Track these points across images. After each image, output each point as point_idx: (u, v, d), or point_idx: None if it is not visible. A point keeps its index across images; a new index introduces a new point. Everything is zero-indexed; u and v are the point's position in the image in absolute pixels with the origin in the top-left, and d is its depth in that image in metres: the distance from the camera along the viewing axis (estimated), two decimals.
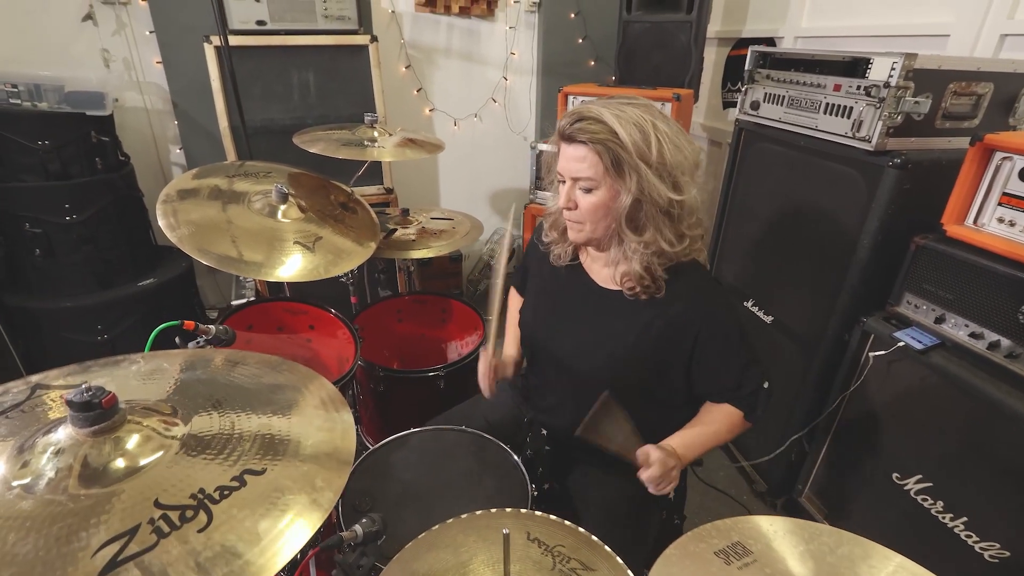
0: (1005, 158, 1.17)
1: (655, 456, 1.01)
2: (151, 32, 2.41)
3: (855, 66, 1.43)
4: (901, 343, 1.34)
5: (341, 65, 2.43)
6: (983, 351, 1.21)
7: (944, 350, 1.30)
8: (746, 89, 1.81)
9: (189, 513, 0.50)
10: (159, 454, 0.56)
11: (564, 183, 1.06)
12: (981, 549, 1.21)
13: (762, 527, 0.64)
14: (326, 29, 2.35)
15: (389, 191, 2.66)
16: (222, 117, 2.33)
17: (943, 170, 1.33)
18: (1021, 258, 1.13)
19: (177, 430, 0.59)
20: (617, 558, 0.69)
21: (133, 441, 0.56)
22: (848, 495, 1.61)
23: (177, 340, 1.09)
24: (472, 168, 3.24)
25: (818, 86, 1.52)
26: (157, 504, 0.51)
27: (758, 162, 1.87)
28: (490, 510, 0.78)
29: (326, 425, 0.64)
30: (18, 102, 1.98)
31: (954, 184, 1.26)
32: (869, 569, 0.57)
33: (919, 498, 1.35)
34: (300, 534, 0.51)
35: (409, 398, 1.72)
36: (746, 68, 1.78)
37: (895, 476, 1.41)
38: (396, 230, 1.93)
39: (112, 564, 0.45)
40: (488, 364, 1.22)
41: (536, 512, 0.81)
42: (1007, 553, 1.17)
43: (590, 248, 1.18)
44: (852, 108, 1.41)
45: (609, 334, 1.13)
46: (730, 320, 1.10)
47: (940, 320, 1.31)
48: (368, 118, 1.87)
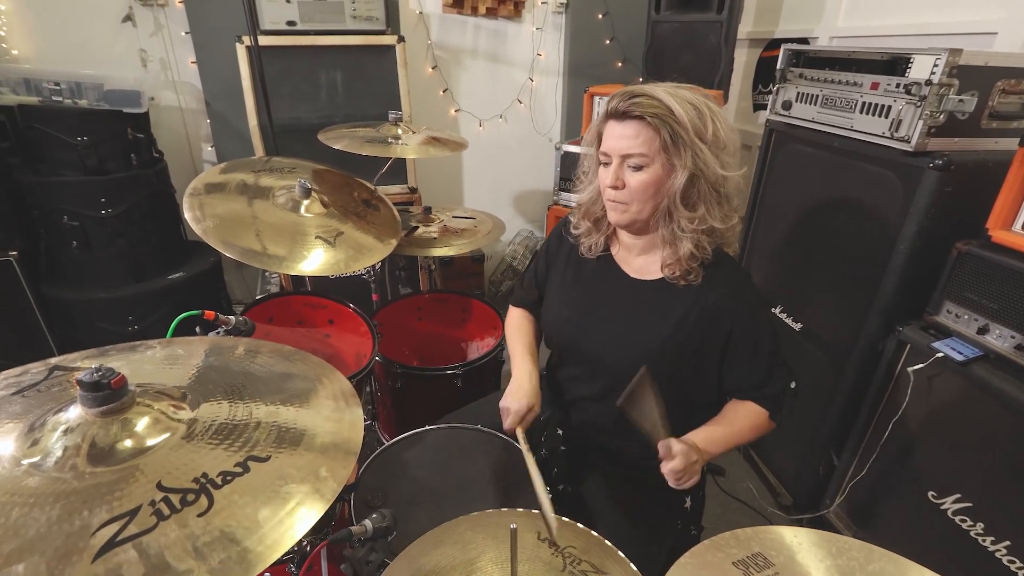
0: None
1: (677, 448, 0.97)
2: (187, 33, 2.48)
3: (894, 64, 1.37)
4: (940, 354, 1.28)
5: (368, 65, 2.46)
6: None
7: (987, 362, 1.23)
8: (778, 88, 1.75)
9: (191, 497, 0.50)
10: (166, 436, 0.56)
11: (607, 164, 1.05)
12: None
13: (785, 538, 0.60)
14: (354, 29, 2.38)
15: (413, 190, 2.67)
16: (251, 116, 2.37)
17: (989, 172, 1.27)
18: None
19: (184, 414, 0.59)
20: (629, 563, 0.66)
21: (141, 423, 0.56)
22: (879, 512, 1.53)
23: (198, 329, 1.11)
24: (496, 169, 3.24)
25: (854, 84, 1.46)
26: (160, 486, 0.50)
27: (789, 164, 1.81)
28: (500, 509, 0.76)
29: (335, 416, 0.64)
30: (60, 99, 2.05)
31: (1000, 187, 1.19)
32: None
33: (957, 519, 1.28)
34: (301, 524, 0.50)
35: (427, 396, 1.71)
36: (778, 67, 1.73)
37: (931, 494, 1.33)
38: (418, 227, 1.93)
39: (110, 544, 0.45)
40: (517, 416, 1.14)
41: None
42: None
43: (623, 237, 1.16)
44: (891, 107, 1.35)
45: (643, 327, 1.10)
46: (763, 315, 1.09)
47: (983, 331, 1.24)
48: (392, 115, 1.88)
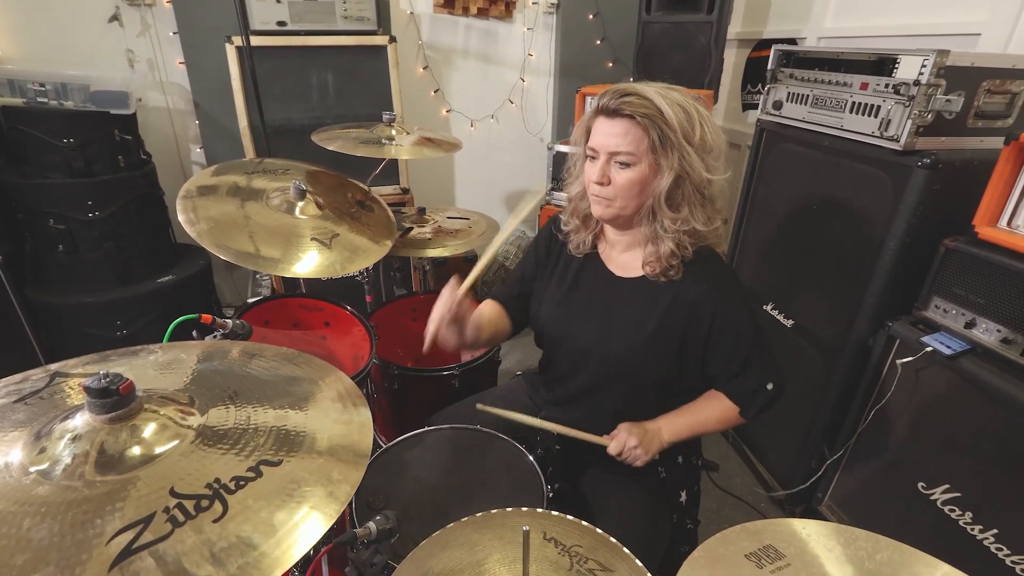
0: None
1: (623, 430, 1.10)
2: (174, 33, 2.45)
3: (881, 65, 1.40)
4: (929, 348, 1.30)
5: (360, 66, 2.45)
6: (1016, 357, 1.16)
7: (974, 356, 1.25)
8: (768, 88, 1.78)
9: (204, 503, 0.49)
10: (175, 443, 0.56)
11: (594, 159, 1.06)
12: (1012, 563, 1.17)
13: (795, 530, 0.62)
14: (345, 30, 2.37)
15: (405, 191, 2.67)
16: (242, 117, 2.35)
17: (975, 170, 1.30)
18: None
19: (193, 420, 0.58)
20: (636, 560, 0.67)
21: (150, 429, 0.55)
22: (870, 504, 1.56)
23: (195, 333, 1.10)
24: (488, 169, 3.24)
25: (844, 84, 1.49)
26: (173, 493, 0.50)
27: (780, 163, 1.83)
28: (505, 509, 0.77)
29: (343, 419, 0.64)
30: (45, 100, 2.02)
31: (987, 185, 1.22)
32: None
33: (946, 508, 1.31)
34: (317, 526, 0.50)
35: (424, 397, 1.71)
36: (769, 67, 1.75)
37: (921, 486, 1.36)
38: (412, 228, 1.93)
39: (126, 552, 0.44)
40: (451, 299, 1.08)
41: (552, 512, 0.79)
42: None
43: (608, 234, 1.17)
44: (880, 107, 1.38)
45: (627, 323, 1.12)
46: (744, 307, 1.10)
47: (970, 325, 1.26)
48: (386, 116, 1.87)
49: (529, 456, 1.16)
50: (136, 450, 0.53)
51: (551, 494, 1.10)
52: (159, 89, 2.57)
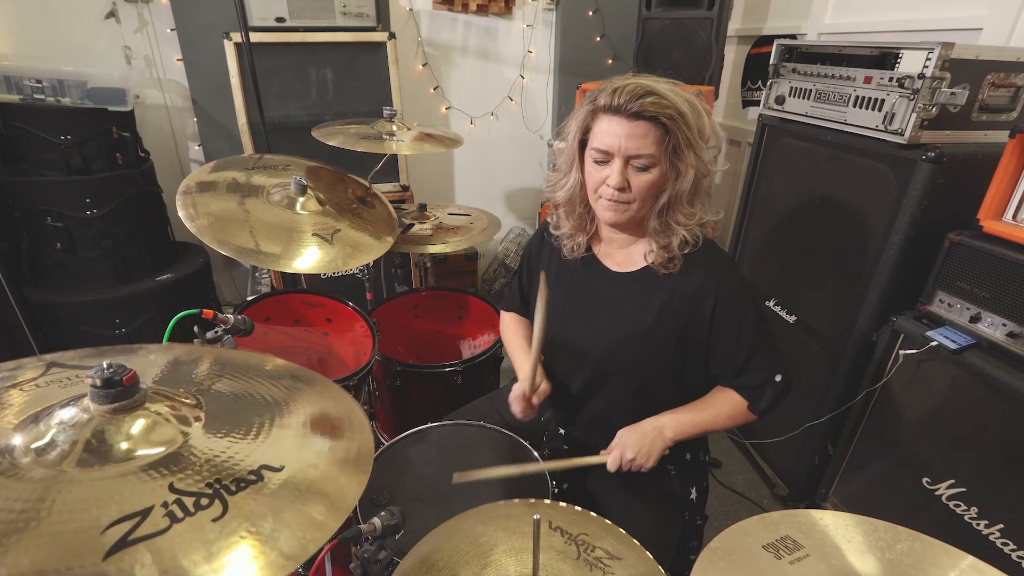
0: None
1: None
2: (172, 30, 2.43)
3: (884, 59, 1.39)
4: (934, 343, 1.30)
5: (359, 62, 2.44)
6: (1022, 351, 1.16)
7: (979, 350, 1.25)
8: (771, 83, 1.77)
9: (204, 501, 0.48)
10: (177, 439, 0.55)
11: (602, 162, 1.01)
12: (1019, 558, 1.16)
13: (813, 520, 0.61)
14: (344, 26, 2.35)
15: (405, 188, 2.65)
16: (240, 114, 2.34)
17: (979, 164, 1.29)
18: None
19: (196, 417, 0.57)
20: (641, 546, 0.66)
21: (152, 423, 0.54)
22: (875, 500, 1.56)
23: (196, 329, 1.09)
24: (488, 167, 3.23)
25: (847, 79, 1.48)
26: (172, 488, 0.49)
27: (782, 158, 1.83)
28: (511, 500, 0.76)
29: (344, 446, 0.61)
30: (42, 97, 2.00)
31: (991, 178, 1.21)
32: (936, 568, 0.54)
33: (951, 504, 1.30)
34: (322, 531, 0.49)
35: (425, 394, 1.70)
36: (771, 62, 1.74)
37: (925, 481, 1.36)
38: (413, 225, 1.91)
39: (122, 543, 0.43)
40: (526, 394, 1.13)
41: (561, 504, 0.78)
42: None
43: (605, 233, 1.16)
44: (884, 101, 1.37)
45: (627, 317, 1.11)
46: (746, 298, 1.07)
47: (975, 319, 1.26)
48: (387, 112, 1.86)
49: (534, 452, 1.15)
50: (137, 443, 0.52)
51: (557, 491, 1.09)
52: (157, 86, 2.55)
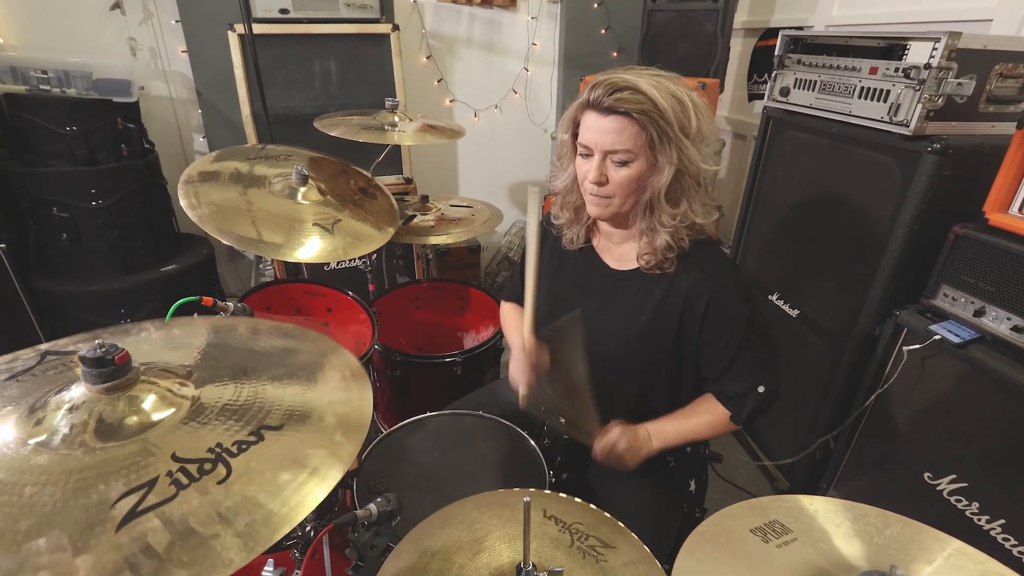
0: None
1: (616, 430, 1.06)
2: (177, 21, 2.44)
3: (891, 50, 1.38)
4: (937, 336, 1.29)
5: (362, 54, 2.44)
6: None
7: (983, 344, 1.24)
8: (776, 75, 1.75)
9: (207, 466, 0.50)
10: (172, 412, 0.56)
11: (587, 156, 1.02)
12: (1020, 553, 1.15)
13: (802, 505, 0.61)
14: (348, 18, 2.35)
15: (408, 180, 2.66)
16: (244, 105, 2.35)
17: (986, 156, 1.27)
18: None
19: (189, 391, 0.58)
20: (634, 536, 0.66)
21: (148, 400, 0.55)
22: (876, 494, 1.55)
23: (196, 316, 1.09)
24: (491, 160, 3.23)
25: (853, 69, 1.46)
26: (175, 458, 0.50)
27: (786, 151, 1.81)
28: (511, 489, 0.76)
29: (344, 397, 0.63)
30: (48, 88, 2.02)
31: (998, 171, 1.20)
32: (924, 552, 0.53)
33: (952, 499, 1.29)
34: (322, 485, 0.50)
35: (425, 384, 1.71)
36: (776, 53, 1.72)
37: (927, 476, 1.35)
38: (415, 216, 1.92)
39: (132, 514, 0.45)
40: (526, 355, 1.11)
41: (560, 494, 0.78)
42: None
43: (603, 227, 1.15)
44: (889, 91, 1.35)
45: (623, 316, 1.10)
46: (739, 303, 1.05)
47: (979, 313, 1.25)
48: (389, 102, 1.86)
49: (531, 441, 1.16)
50: (135, 419, 0.53)
51: (554, 480, 1.09)
52: (161, 78, 2.56)
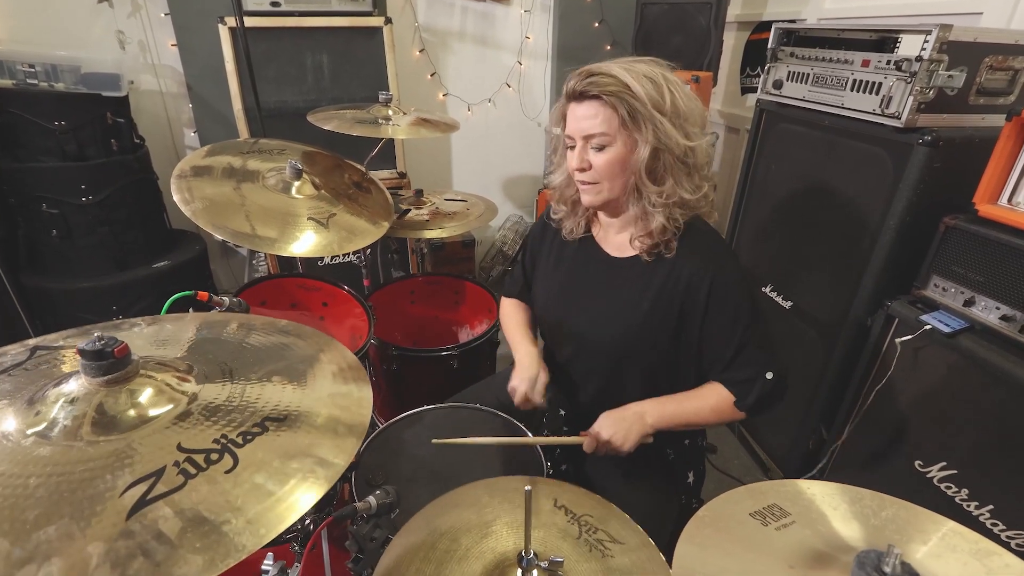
0: None
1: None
2: (166, 14, 2.41)
3: (883, 43, 1.38)
4: (928, 327, 1.30)
5: (355, 47, 2.42)
6: (1015, 334, 1.17)
7: (973, 334, 1.25)
8: (769, 68, 1.76)
9: (214, 456, 0.50)
10: (173, 406, 0.56)
11: (573, 147, 1.04)
12: (1008, 538, 1.18)
13: (800, 489, 0.62)
14: (340, 11, 2.33)
15: (402, 175, 2.64)
16: (236, 99, 2.32)
17: (976, 148, 1.29)
18: None
19: (189, 387, 0.58)
20: (644, 533, 0.66)
21: (147, 393, 0.55)
22: (868, 483, 1.54)
23: (191, 311, 1.09)
24: (485, 154, 3.22)
25: (845, 62, 1.47)
26: (180, 448, 0.51)
27: (779, 143, 1.82)
28: (520, 476, 0.77)
29: (343, 390, 0.63)
30: (35, 82, 1.99)
31: (987, 162, 1.21)
32: (920, 533, 0.55)
33: (942, 486, 1.31)
34: (330, 472, 0.51)
35: (422, 378, 1.71)
36: (769, 46, 1.73)
37: (918, 464, 1.37)
38: (409, 210, 1.91)
39: (141, 503, 0.45)
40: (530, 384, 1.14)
41: (577, 487, 0.78)
42: None
43: (602, 215, 1.16)
44: (881, 84, 1.36)
45: (623, 303, 1.11)
46: (741, 292, 1.06)
47: (969, 303, 1.26)
48: (382, 96, 1.85)
49: (528, 434, 1.16)
50: (135, 412, 0.53)
51: (551, 472, 1.10)
52: (151, 71, 2.53)
